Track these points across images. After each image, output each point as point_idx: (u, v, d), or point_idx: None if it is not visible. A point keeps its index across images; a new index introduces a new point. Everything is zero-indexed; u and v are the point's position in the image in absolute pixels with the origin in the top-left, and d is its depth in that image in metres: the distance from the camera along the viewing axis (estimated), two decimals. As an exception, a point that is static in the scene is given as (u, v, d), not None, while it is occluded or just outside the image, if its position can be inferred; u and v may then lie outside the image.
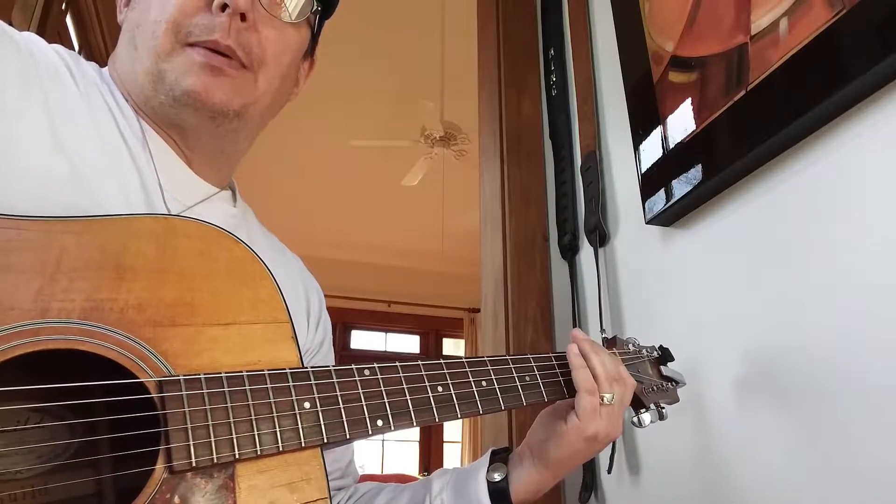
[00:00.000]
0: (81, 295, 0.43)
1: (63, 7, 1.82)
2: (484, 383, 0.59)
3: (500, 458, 0.66)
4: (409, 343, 6.65)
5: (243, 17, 0.59)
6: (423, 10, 3.09)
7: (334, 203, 5.11)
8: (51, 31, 1.72)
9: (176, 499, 0.41)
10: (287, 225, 5.20)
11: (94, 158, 0.54)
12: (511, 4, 1.49)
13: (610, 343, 0.73)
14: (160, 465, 0.41)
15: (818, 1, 0.67)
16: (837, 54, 0.64)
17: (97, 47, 2.09)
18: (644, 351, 0.75)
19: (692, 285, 0.88)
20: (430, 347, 6.62)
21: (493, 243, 1.34)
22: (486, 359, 0.61)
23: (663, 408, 0.71)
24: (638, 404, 0.69)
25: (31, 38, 0.56)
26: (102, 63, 0.63)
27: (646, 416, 0.69)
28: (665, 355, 0.77)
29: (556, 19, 1.38)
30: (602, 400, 0.61)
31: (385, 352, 6.52)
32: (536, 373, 0.63)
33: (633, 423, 0.69)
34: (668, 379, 0.75)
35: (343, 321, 6.15)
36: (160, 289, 0.46)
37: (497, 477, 0.63)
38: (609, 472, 0.98)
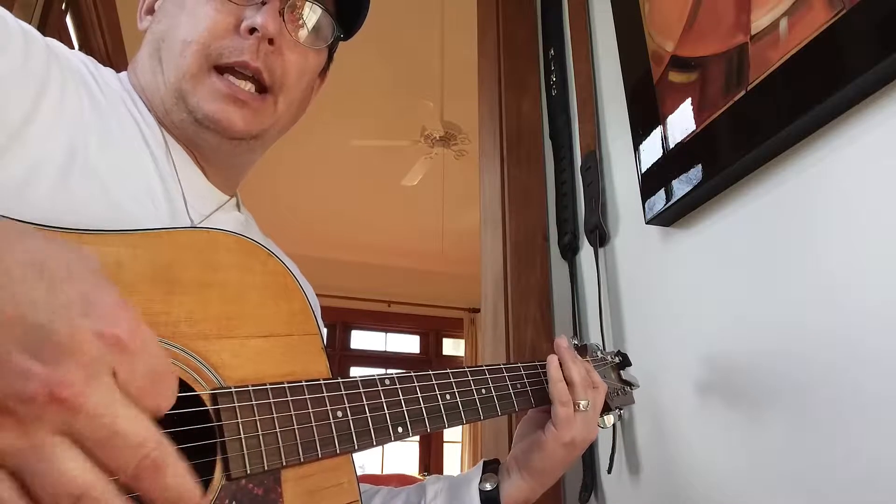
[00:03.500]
0: (137, 308, 0.44)
1: (63, 7, 1.81)
2: (483, 391, 0.63)
3: (491, 468, 0.70)
4: (409, 343, 6.65)
5: (271, 41, 0.60)
6: (423, 10, 3.09)
7: (334, 203, 5.11)
8: (51, 32, 1.71)
9: None
10: (287, 225, 5.20)
11: (121, 167, 0.54)
12: (511, 4, 1.49)
13: (581, 350, 0.76)
14: (218, 474, 0.43)
15: (818, 1, 0.67)
16: (837, 54, 0.64)
17: (97, 48, 2.09)
18: (608, 357, 0.80)
19: (692, 285, 0.88)
20: (430, 347, 6.61)
21: (493, 243, 1.33)
22: (484, 367, 0.66)
23: (622, 409, 0.76)
24: (604, 408, 0.73)
25: (56, 44, 0.56)
26: (103, 64, 0.63)
27: (608, 418, 0.73)
28: (624, 360, 0.81)
29: (556, 19, 1.38)
30: (577, 407, 0.65)
31: (385, 352, 6.52)
32: (526, 380, 0.68)
33: (598, 425, 0.72)
34: (627, 383, 0.80)
35: (343, 321, 6.16)
36: (207, 302, 0.48)
37: (489, 486, 0.67)
38: (609, 472, 0.99)
